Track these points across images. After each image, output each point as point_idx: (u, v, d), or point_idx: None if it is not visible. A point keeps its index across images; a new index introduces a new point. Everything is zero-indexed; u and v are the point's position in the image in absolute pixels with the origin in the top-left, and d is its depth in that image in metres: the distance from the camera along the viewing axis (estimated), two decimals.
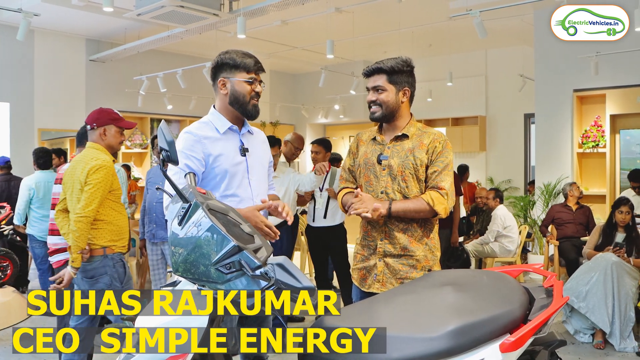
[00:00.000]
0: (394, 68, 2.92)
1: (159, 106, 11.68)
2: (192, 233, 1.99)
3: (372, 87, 2.98)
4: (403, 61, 2.94)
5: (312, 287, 1.87)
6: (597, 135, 8.58)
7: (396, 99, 2.95)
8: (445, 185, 2.88)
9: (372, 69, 2.97)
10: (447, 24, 9.39)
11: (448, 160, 2.93)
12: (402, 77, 2.95)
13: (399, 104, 2.96)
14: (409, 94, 2.99)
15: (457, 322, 2.07)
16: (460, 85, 12.15)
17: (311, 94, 14.52)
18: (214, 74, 2.87)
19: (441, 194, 2.86)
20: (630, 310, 5.26)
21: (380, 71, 2.95)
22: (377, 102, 2.96)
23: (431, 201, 2.84)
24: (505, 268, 2.71)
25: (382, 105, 2.95)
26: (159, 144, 2.16)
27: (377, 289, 2.92)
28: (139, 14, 7.48)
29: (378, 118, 3.00)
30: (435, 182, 2.89)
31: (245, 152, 2.87)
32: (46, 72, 10.34)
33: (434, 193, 2.86)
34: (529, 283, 2.84)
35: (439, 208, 2.85)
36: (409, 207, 2.85)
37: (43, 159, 6.55)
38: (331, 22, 9.10)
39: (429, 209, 2.85)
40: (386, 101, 2.94)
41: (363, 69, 3.05)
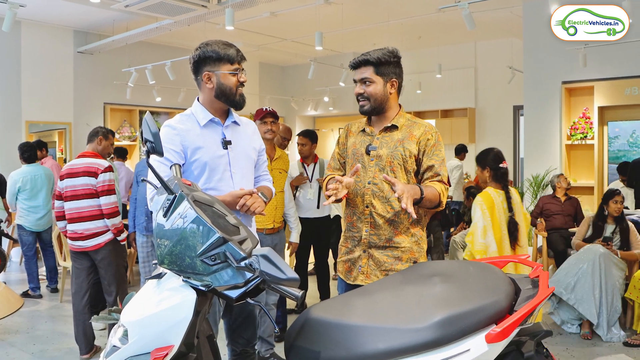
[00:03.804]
0: (380, 59, 2.88)
1: (148, 98, 11.64)
2: (177, 225, 1.99)
3: (360, 79, 2.94)
4: (389, 52, 2.91)
5: (296, 279, 1.86)
6: (586, 127, 8.60)
7: (384, 91, 2.92)
8: (447, 180, 2.90)
9: (359, 61, 2.93)
10: (436, 16, 9.39)
11: (443, 155, 2.93)
12: (389, 68, 2.91)
13: (387, 96, 2.93)
14: (397, 85, 2.96)
15: (443, 313, 2.07)
16: (450, 78, 12.17)
17: (300, 86, 14.49)
18: (196, 67, 2.80)
19: (446, 188, 2.87)
20: (617, 301, 5.30)
21: (367, 63, 2.91)
22: (364, 95, 2.93)
23: (441, 192, 2.83)
24: (491, 259, 2.72)
25: (369, 99, 2.92)
26: (143, 135, 2.14)
27: (362, 281, 2.90)
28: (127, 5, 7.45)
29: (367, 111, 2.97)
30: (440, 177, 2.87)
31: (227, 144, 2.82)
32: (33, 64, 10.25)
33: (442, 186, 2.86)
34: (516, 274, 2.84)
35: (443, 200, 2.86)
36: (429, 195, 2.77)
37: (28, 152, 6.95)
38: (320, 14, 9.08)
39: (438, 200, 2.83)
40: (374, 94, 2.91)
41: (350, 61, 3.01)
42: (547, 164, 8.69)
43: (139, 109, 11.90)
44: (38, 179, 6.89)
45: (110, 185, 4.82)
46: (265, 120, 4.62)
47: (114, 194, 4.85)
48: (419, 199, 2.74)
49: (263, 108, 4.71)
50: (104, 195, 4.79)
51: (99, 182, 4.78)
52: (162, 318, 1.95)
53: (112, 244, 4.88)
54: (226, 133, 2.85)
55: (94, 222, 4.81)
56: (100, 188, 4.79)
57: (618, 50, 7.92)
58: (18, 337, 5.44)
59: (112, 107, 11.50)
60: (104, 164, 4.85)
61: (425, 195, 2.75)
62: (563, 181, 7.40)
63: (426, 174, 2.90)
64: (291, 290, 1.90)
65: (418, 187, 2.75)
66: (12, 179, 6.88)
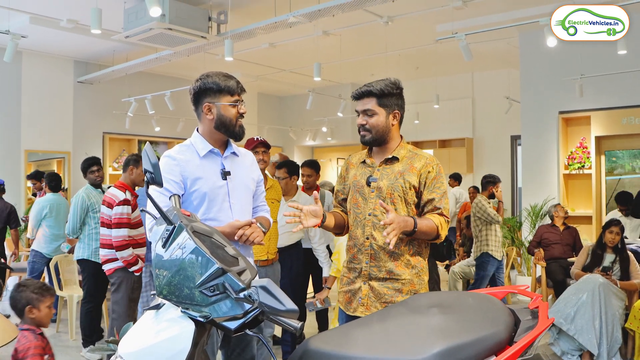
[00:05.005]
0: (383, 91, 2.88)
1: (147, 128, 11.69)
2: (176, 255, 1.98)
3: (362, 110, 2.93)
4: (392, 83, 2.90)
5: (295, 310, 1.86)
6: (583, 156, 8.64)
7: (386, 123, 2.91)
8: (447, 213, 2.89)
9: (362, 92, 2.93)
10: (434, 46, 9.48)
11: (445, 187, 2.92)
12: (392, 100, 2.91)
13: (389, 127, 2.93)
14: (399, 117, 2.96)
15: (442, 344, 2.06)
16: (447, 108, 12.24)
17: (299, 116, 14.56)
18: (196, 98, 2.82)
19: (446, 221, 2.86)
20: (617, 331, 5.26)
21: (370, 94, 2.90)
22: (366, 126, 2.92)
23: (440, 226, 2.81)
24: (491, 289, 2.71)
25: (371, 130, 2.91)
26: (143, 166, 2.16)
27: (362, 312, 2.87)
28: (127, 36, 7.51)
29: (368, 142, 2.96)
30: (440, 210, 2.86)
31: (226, 175, 2.83)
32: (34, 93, 10.32)
33: (441, 219, 2.84)
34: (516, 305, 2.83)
35: (442, 234, 2.84)
36: (424, 227, 2.78)
37: (55, 182, 7.16)
38: (319, 45, 9.17)
39: (436, 233, 2.82)
40: (376, 125, 2.90)
41: (352, 92, 3.00)
42: (545, 194, 8.70)
43: (138, 139, 11.95)
44: (62, 208, 6.99)
45: (121, 218, 4.94)
46: (256, 150, 4.59)
47: (125, 227, 4.94)
48: (411, 231, 2.74)
49: (254, 138, 4.67)
50: (115, 228, 4.93)
51: (112, 214, 4.95)
52: (161, 349, 1.93)
53: (122, 271, 5.02)
54: (225, 164, 2.86)
55: (108, 250, 5.03)
56: (113, 220, 4.95)
57: (614, 80, 7.99)
58: None
59: (111, 136, 11.54)
60: (120, 197, 4.99)
61: (419, 227, 2.75)
62: (560, 210, 7.41)
63: (426, 207, 2.90)
64: (290, 322, 1.89)
65: (411, 219, 2.74)
66: (39, 205, 6.99)
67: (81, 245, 5.79)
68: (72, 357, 5.71)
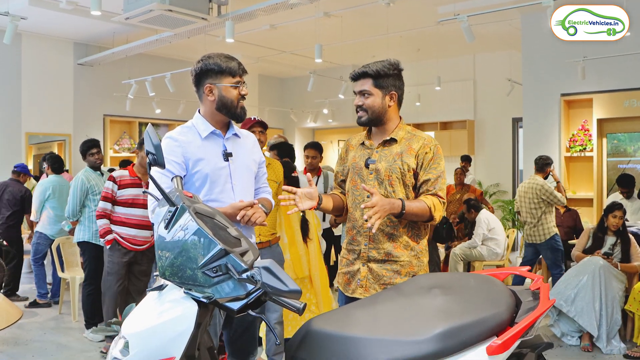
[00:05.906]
0: (379, 72, 2.88)
1: (148, 110, 11.66)
2: (178, 237, 1.99)
3: (359, 91, 2.94)
4: (390, 64, 2.90)
5: (297, 291, 1.86)
6: (585, 139, 8.62)
7: (382, 103, 2.91)
8: (443, 194, 2.87)
9: (358, 73, 2.94)
10: (435, 28, 9.42)
11: (442, 168, 2.90)
12: (389, 81, 2.91)
13: (385, 108, 2.92)
14: (396, 98, 2.95)
15: (444, 325, 2.08)
16: (449, 90, 12.20)
17: (300, 98, 14.52)
18: (197, 80, 2.82)
19: (440, 202, 2.85)
20: (616, 313, 5.29)
21: (366, 75, 2.91)
22: (362, 106, 2.93)
23: (432, 207, 2.80)
24: (492, 271, 2.72)
25: (367, 110, 2.92)
26: (145, 147, 2.16)
27: (360, 294, 2.88)
28: (127, 18, 7.46)
29: (364, 123, 2.97)
30: (434, 190, 2.85)
31: (228, 156, 2.83)
32: (33, 76, 10.29)
33: (435, 199, 2.83)
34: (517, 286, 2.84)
35: (436, 215, 2.82)
36: (414, 209, 2.77)
37: (57, 163, 7.26)
38: (320, 27, 9.11)
39: (429, 215, 2.80)
40: (372, 106, 2.91)
41: (350, 73, 3.02)
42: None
43: (139, 121, 11.93)
44: (64, 189, 6.97)
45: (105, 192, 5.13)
46: (253, 129, 4.53)
47: (102, 200, 5.12)
48: (399, 213, 2.74)
49: (251, 117, 4.62)
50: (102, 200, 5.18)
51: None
52: (164, 330, 1.95)
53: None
54: (227, 145, 2.86)
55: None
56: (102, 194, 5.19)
57: (617, 63, 7.95)
58: (17, 349, 5.42)
59: (111, 118, 11.53)
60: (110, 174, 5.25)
61: (408, 209, 2.74)
62: None
63: (421, 188, 2.88)
64: (292, 302, 1.90)
65: (399, 201, 2.74)
66: (42, 186, 7.03)
67: (81, 227, 5.80)
68: (75, 338, 5.75)
